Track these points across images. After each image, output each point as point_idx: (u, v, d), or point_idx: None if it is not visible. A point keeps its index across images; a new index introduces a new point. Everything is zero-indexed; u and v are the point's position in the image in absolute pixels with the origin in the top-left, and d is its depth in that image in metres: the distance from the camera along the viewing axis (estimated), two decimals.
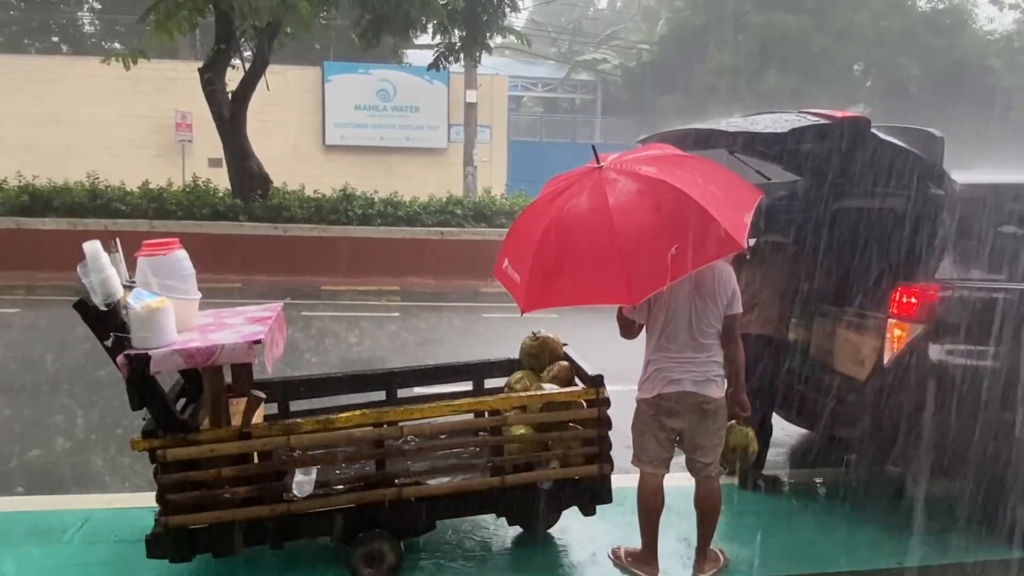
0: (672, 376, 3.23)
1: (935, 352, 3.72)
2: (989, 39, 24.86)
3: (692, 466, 3.38)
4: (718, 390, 3.26)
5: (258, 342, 3.07)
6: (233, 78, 11.70)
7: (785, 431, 5.24)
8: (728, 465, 3.52)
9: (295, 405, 3.93)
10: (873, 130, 3.55)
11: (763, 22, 23.22)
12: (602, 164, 3.12)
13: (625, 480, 3.57)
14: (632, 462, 3.43)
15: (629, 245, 2.83)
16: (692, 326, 3.20)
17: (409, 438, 3.34)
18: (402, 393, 4.03)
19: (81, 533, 3.71)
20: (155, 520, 3.13)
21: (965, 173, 3.91)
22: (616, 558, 3.55)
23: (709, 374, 3.23)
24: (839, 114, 3.52)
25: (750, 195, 3.10)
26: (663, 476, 3.38)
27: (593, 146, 3.27)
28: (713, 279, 3.20)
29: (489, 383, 4.12)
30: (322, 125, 19.84)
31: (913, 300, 3.75)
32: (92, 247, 2.92)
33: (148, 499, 3.24)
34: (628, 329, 3.36)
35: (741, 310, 3.30)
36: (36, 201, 11.48)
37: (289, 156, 17.98)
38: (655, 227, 2.85)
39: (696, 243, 2.78)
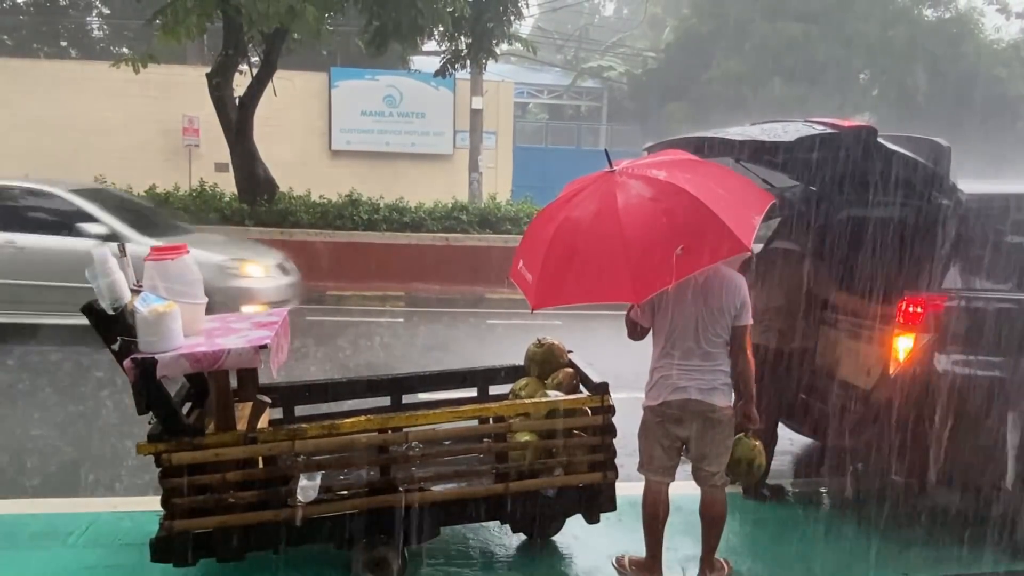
0: (678, 384, 3.22)
1: (941, 362, 3.71)
2: (996, 48, 24.79)
3: (698, 475, 3.37)
4: (724, 399, 3.25)
5: (264, 347, 3.08)
6: (241, 83, 11.75)
7: (790, 440, 5.22)
8: (734, 477, 3.50)
9: (300, 410, 3.94)
10: (880, 139, 3.55)
11: (769, 30, 23.22)
12: (615, 169, 3.17)
13: (630, 488, 3.56)
14: (638, 469, 3.43)
15: (635, 244, 2.87)
16: (699, 334, 3.20)
17: (414, 444, 3.34)
18: (407, 399, 4.04)
19: (85, 536, 3.72)
20: (160, 524, 3.13)
21: (972, 183, 3.91)
22: (620, 566, 3.54)
23: (715, 382, 3.22)
24: (846, 123, 3.52)
25: (761, 199, 3.13)
26: (668, 484, 3.37)
27: (606, 151, 3.30)
28: (721, 288, 3.19)
29: (494, 389, 4.12)
30: (328, 130, 19.89)
31: (919, 310, 3.74)
32: (100, 251, 2.93)
33: (153, 503, 3.25)
34: (633, 330, 3.38)
35: (751, 321, 3.28)
36: None
37: (295, 161, 18.01)
38: (662, 228, 2.88)
39: (702, 244, 2.82)
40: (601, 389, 3.46)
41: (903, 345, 3.78)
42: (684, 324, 3.21)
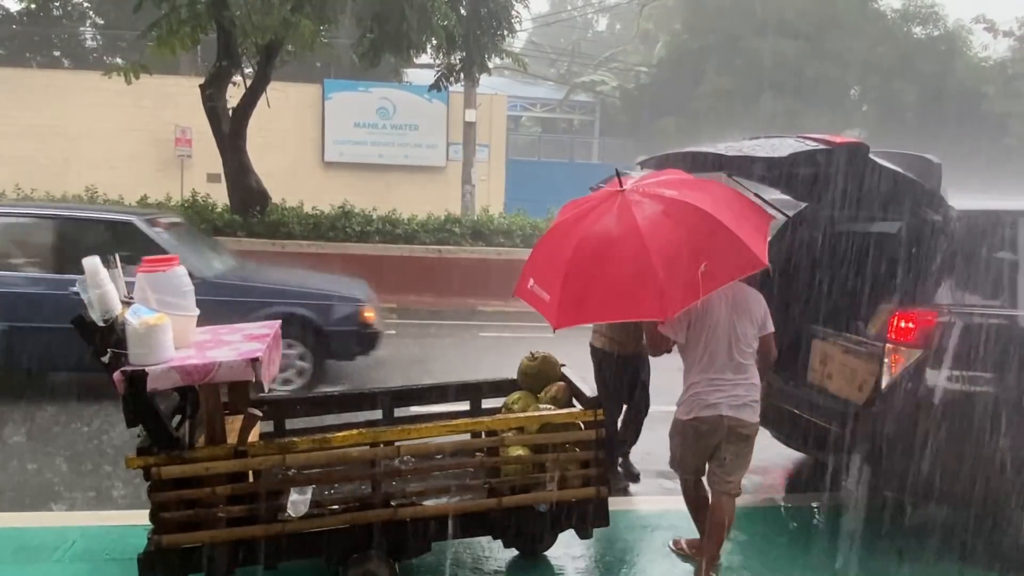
0: (709, 400, 3.32)
1: (933, 377, 3.72)
2: (984, 66, 25.08)
3: (713, 478, 3.46)
4: (753, 415, 3.34)
5: (256, 360, 3.05)
6: (234, 94, 11.75)
7: (782, 454, 5.22)
8: None
9: (291, 424, 3.91)
10: (871, 155, 3.58)
11: (760, 46, 23.42)
12: (624, 188, 3.24)
13: (622, 503, 3.55)
14: (670, 466, 3.61)
15: (660, 262, 2.94)
16: (731, 347, 3.30)
17: (405, 458, 3.32)
18: (399, 413, 4.02)
19: (72, 551, 3.67)
20: (148, 539, 3.09)
21: (962, 199, 3.93)
22: (678, 548, 3.83)
23: (746, 398, 3.32)
24: (838, 139, 3.55)
25: (763, 218, 3.28)
26: (700, 477, 3.56)
27: (616, 169, 3.35)
28: (747, 301, 3.33)
29: (487, 403, 4.10)
30: (321, 142, 19.91)
31: (911, 325, 3.76)
32: (91, 262, 2.91)
33: (141, 517, 3.21)
34: (659, 345, 3.46)
35: (773, 329, 3.41)
36: None
37: (288, 172, 18.00)
38: (684, 245, 2.97)
39: (724, 261, 2.93)
40: (594, 403, 3.45)
41: (895, 360, 3.79)
42: (718, 338, 3.30)
